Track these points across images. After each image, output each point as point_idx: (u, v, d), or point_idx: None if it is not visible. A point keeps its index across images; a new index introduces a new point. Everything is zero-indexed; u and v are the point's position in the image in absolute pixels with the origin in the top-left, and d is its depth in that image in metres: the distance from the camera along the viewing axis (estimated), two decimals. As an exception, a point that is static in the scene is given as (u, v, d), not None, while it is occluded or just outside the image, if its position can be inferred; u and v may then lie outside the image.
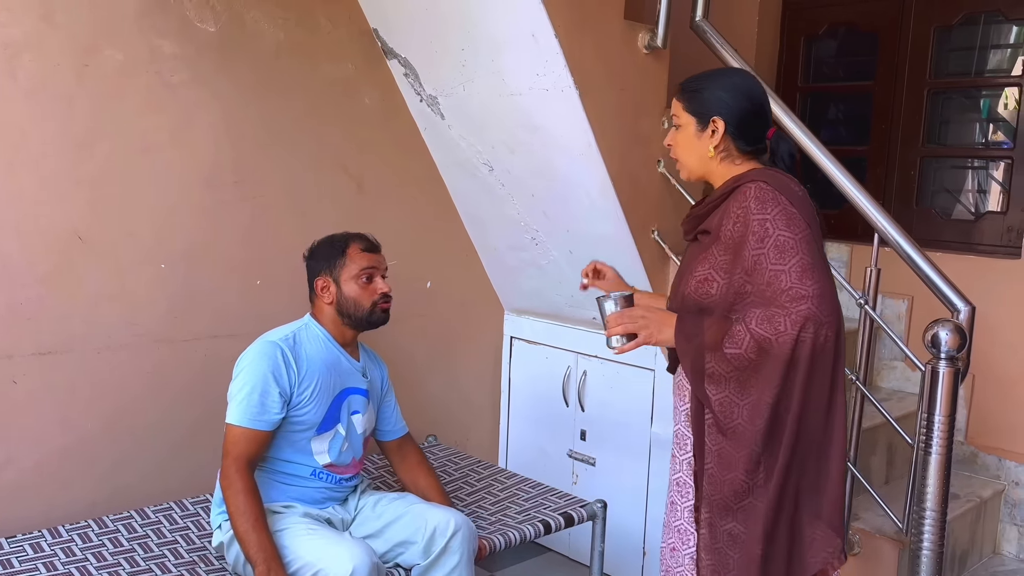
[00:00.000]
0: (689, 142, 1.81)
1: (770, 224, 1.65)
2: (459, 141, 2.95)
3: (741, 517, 1.73)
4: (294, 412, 2.14)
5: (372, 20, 2.88)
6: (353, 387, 2.27)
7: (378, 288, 2.25)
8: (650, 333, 1.75)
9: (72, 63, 2.32)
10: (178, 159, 2.54)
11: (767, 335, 1.63)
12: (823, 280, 1.64)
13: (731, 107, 1.77)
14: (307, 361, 2.17)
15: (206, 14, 2.53)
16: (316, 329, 2.24)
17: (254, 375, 2.09)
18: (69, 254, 2.37)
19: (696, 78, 1.84)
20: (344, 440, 2.24)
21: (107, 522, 2.37)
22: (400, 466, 2.47)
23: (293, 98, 2.75)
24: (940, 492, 2.16)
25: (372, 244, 2.29)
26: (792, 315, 1.62)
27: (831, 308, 1.64)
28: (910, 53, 3.37)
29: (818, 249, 1.68)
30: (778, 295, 1.63)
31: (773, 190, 1.68)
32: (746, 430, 1.71)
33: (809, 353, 1.64)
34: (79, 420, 2.43)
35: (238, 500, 2.02)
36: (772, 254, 1.64)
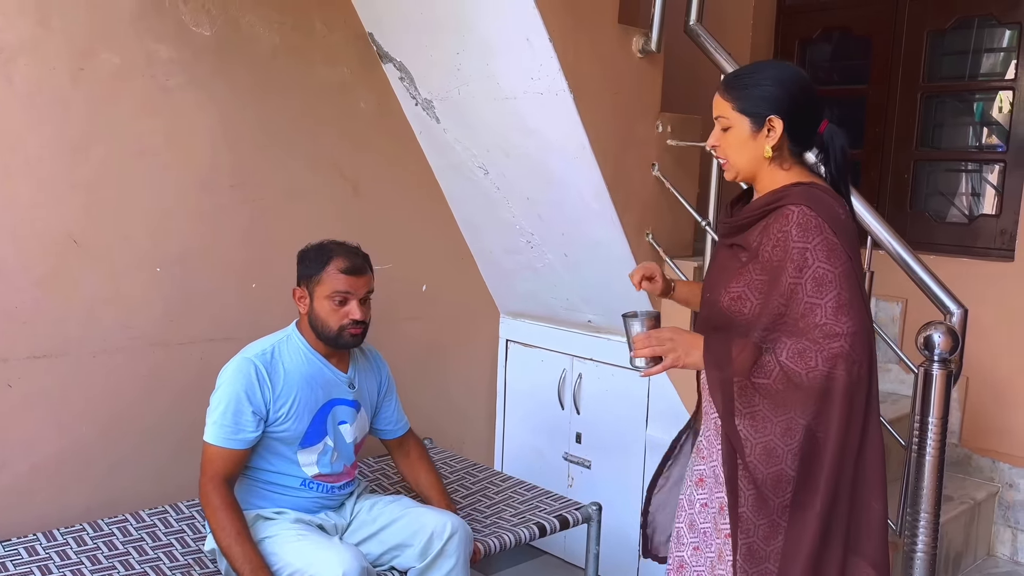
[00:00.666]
0: (742, 144, 1.69)
1: (810, 254, 1.59)
2: (454, 144, 2.96)
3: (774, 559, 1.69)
4: (273, 428, 2.13)
5: (367, 24, 2.89)
6: (338, 399, 2.23)
7: (349, 314, 2.15)
8: (677, 356, 1.68)
9: (68, 67, 2.32)
10: (174, 162, 2.54)
11: (797, 370, 1.59)
12: (858, 317, 1.59)
13: (787, 104, 1.65)
14: (284, 376, 2.14)
15: (202, 18, 2.54)
16: (298, 341, 2.21)
17: (227, 394, 2.08)
18: (64, 257, 2.37)
19: (743, 73, 1.73)
20: (333, 451, 2.23)
21: (102, 525, 2.37)
22: (402, 463, 2.47)
23: (289, 102, 2.76)
24: (933, 494, 2.17)
25: (355, 266, 2.16)
26: (824, 352, 1.58)
27: (864, 346, 1.60)
28: (903, 57, 3.38)
29: (858, 283, 1.62)
30: (812, 329, 1.59)
31: (817, 217, 1.60)
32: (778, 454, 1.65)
33: (842, 389, 1.59)
34: (74, 424, 2.43)
35: (217, 516, 2.02)
36: (809, 286, 1.59)
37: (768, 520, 1.67)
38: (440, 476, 2.48)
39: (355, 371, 2.30)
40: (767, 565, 1.68)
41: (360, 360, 2.34)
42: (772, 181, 1.71)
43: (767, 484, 1.66)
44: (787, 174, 1.70)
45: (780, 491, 1.66)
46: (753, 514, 1.68)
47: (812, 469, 1.64)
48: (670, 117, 2.86)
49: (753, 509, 1.68)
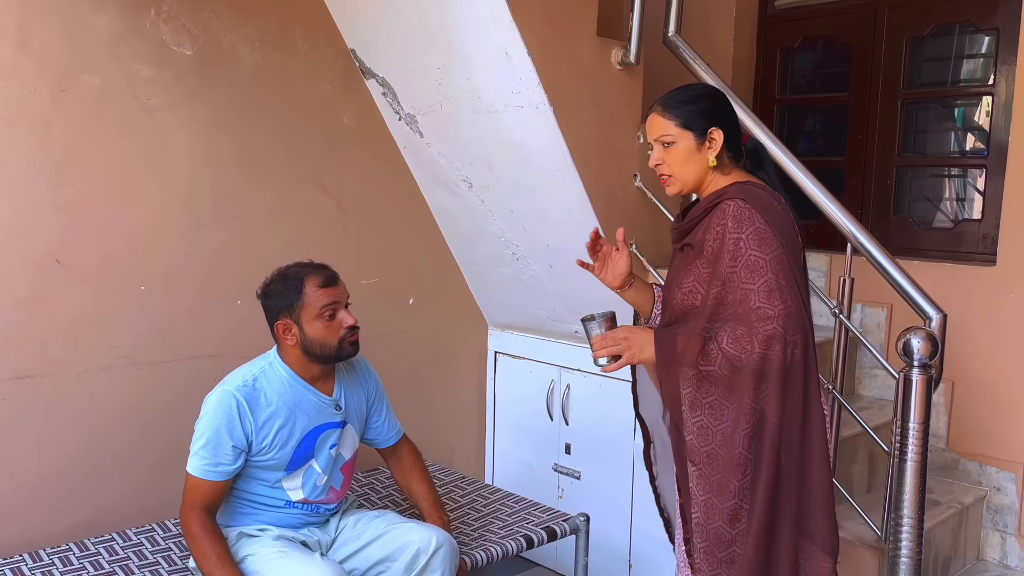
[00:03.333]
0: (688, 157, 1.84)
1: (743, 244, 1.72)
2: (438, 159, 2.97)
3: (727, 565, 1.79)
4: (257, 458, 2.13)
5: (349, 41, 2.91)
6: (326, 424, 2.22)
7: (343, 323, 2.14)
8: (632, 354, 1.82)
9: (49, 88, 2.34)
10: (156, 182, 2.55)
11: (736, 353, 1.71)
12: (790, 299, 1.70)
13: (723, 116, 1.84)
14: (267, 407, 2.12)
15: (183, 38, 2.55)
16: (280, 369, 2.18)
17: (208, 427, 2.08)
18: (47, 278, 2.38)
19: (680, 93, 1.87)
20: (320, 475, 2.22)
21: (88, 545, 2.37)
22: (396, 471, 2.47)
23: (272, 119, 2.77)
24: (916, 499, 2.16)
25: (329, 276, 2.15)
26: (759, 334, 1.69)
27: (798, 326, 1.70)
28: (884, 64, 3.40)
29: (790, 268, 1.72)
30: (748, 313, 1.71)
31: (751, 208, 1.74)
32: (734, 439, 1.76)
33: (777, 368, 1.70)
34: (59, 443, 2.44)
35: (198, 544, 2.03)
36: (743, 273, 1.72)
37: (732, 503, 1.77)
38: (433, 485, 2.47)
39: (341, 389, 2.28)
40: (734, 548, 1.79)
41: (346, 375, 2.32)
42: (715, 186, 1.86)
43: (728, 468, 1.76)
44: (727, 178, 1.86)
45: (739, 473, 1.76)
46: (716, 499, 1.78)
47: (759, 448, 1.75)
48: (651, 128, 2.87)
49: (715, 493, 1.78)
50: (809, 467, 1.79)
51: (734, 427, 1.76)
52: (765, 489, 1.74)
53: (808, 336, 1.74)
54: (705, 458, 1.80)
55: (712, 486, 1.79)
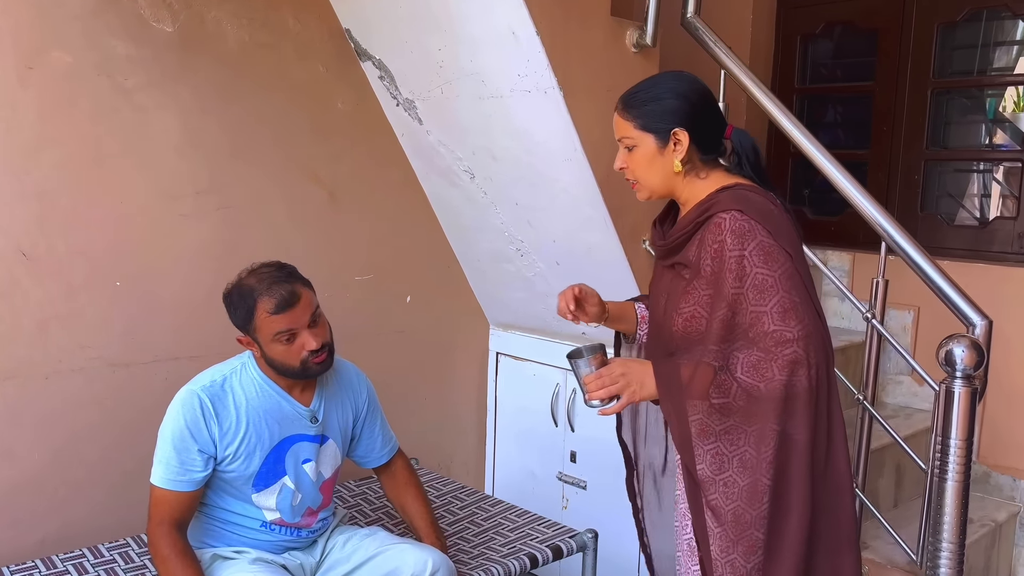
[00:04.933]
0: (650, 161, 1.66)
1: (747, 261, 1.55)
2: (438, 147, 2.79)
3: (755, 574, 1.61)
4: (222, 467, 1.95)
5: (344, 19, 2.73)
6: (298, 435, 2.02)
7: (304, 346, 1.91)
8: (633, 392, 1.63)
9: (15, 65, 2.15)
10: (134, 169, 2.37)
11: (755, 383, 1.55)
12: (807, 318, 1.55)
13: (689, 114, 1.64)
14: (235, 411, 1.94)
15: (163, 13, 2.36)
16: (253, 371, 2.00)
17: (171, 430, 1.91)
18: (13, 272, 2.20)
19: (640, 90, 1.69)
20: (294, 493, 2.03)
21: (56, 562, 2.19)
22: (388, 487, 2.30)
23: (259, 103, 2.59)
24: (957, 522, 1.99)
25: (283, 300, 1.88)
26: (779, 360, 1.54)
27: (819, 347, 1.56)
28: (912, 52, 3.22)
29: (800, 281, 1.57)
30: (762, 338, 1.55)
31: (750, 220, 1.56)
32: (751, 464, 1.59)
33: (804, 394, 1.55)
34: (25, 451, 2.26)
35: (168, 566, 1.84)
36: (752, 295, 1.55)
37: (747, 535, 1.59)
38: (429, 503, 2.29)
39: (321, 400, 2.08)
40: None
41: (330, 385, 2.12)
42: (694, 193, 1.67)
43: (743, 496, 1.58)
44: (706, 182, 1.67)
45: (756, 502, 1.58)
46: (732, 531, 1.61)
47: (788, 479, 1.58)
48: (667, 116, 2.69)
49: (731, 526, 1.60)
50: (833, 495, 1.63)
51: (756, 452, 1.57)
52: (801, 523, 1.57)
53: (829, 355, 1.60)
54: (722, 487, 1.61)
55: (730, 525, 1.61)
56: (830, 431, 1.62)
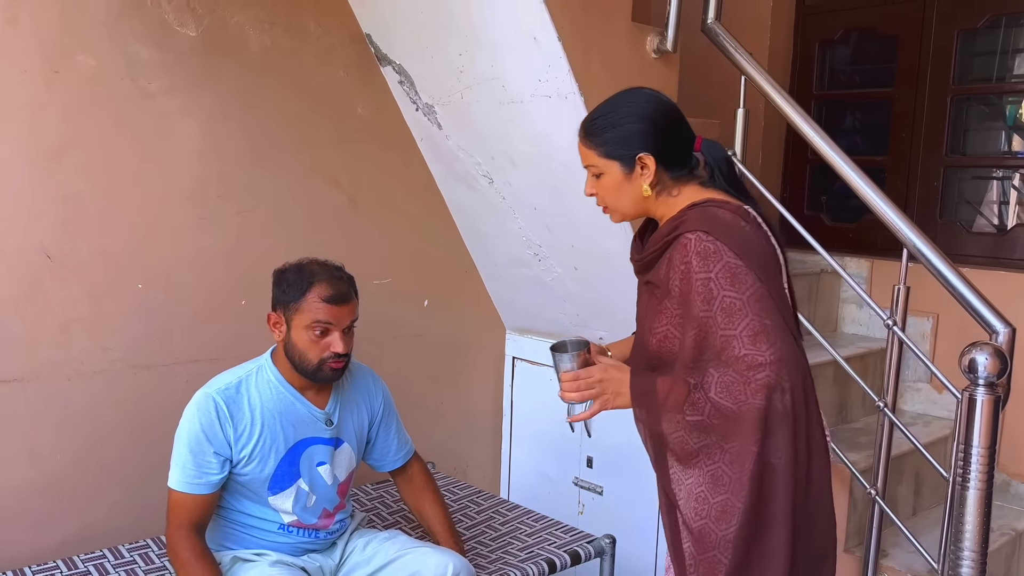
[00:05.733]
0: (619, 188, 1.62)
1: (714, 285, 1.50)
2: (457, 152, 2.80)
3: None
4: (237, 470, 1.96)
5: (365, 25, 2.74)
6: (313, 437, 2.03)
7: (330, 346, 1.94)
8: (607, 399, 1.61)
9: (41, 69, 2.17)
10: (157, 172, 2.39)
11: (728, 405, 1.49)
12: (779, 341, 1.49)
13: (652, 136, 1.59)
14: (250, 414, 1.95)
15: (186, 18, 2.38)
16: (270, 373, 2.01)
17: (187, 434, 1.92)
18: (37, 274, 2.21)
19: (600, 115, 1.64)
20: (309, 495, 2.04)
21: (77, 563, 2.20)
22: (405, 491, 2.30)
23: (281, 107, 2.60)
24: (980, 530, 1.97)
25: (340, 294, 1.94)
26: (752, 384, 1.48)
27: (794, 371, 1.50)
28: (932, 58, 3.21)
29: (772, 304, 1.51)
30: (734, 361, 1.49)
31: (715, 240, 1.50)
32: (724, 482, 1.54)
33: (779, 419, 1.49)
34: (47, 452, 2.27)
35: (187, 570, 1.85)
36: (720, 318, 1.50)
37: (708, 556, 1.55)
38: (446, 507, 2.30)
39: (337, 403, 2.09)
40: None
41: (346, 389, 2.13)
42: (668, 210, 1.63)
43: (712, 515, 1.55)
44: (679, 199, 1.62)
45: (724, 523, 1.54)
46: (696, 550, 1.57)
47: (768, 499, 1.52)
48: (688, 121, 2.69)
49: (696, 544, 1.57)
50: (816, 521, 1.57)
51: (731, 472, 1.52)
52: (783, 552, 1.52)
53: (806, 378, 1.54)
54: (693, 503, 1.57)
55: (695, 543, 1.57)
56: (810, 455, 1.55)
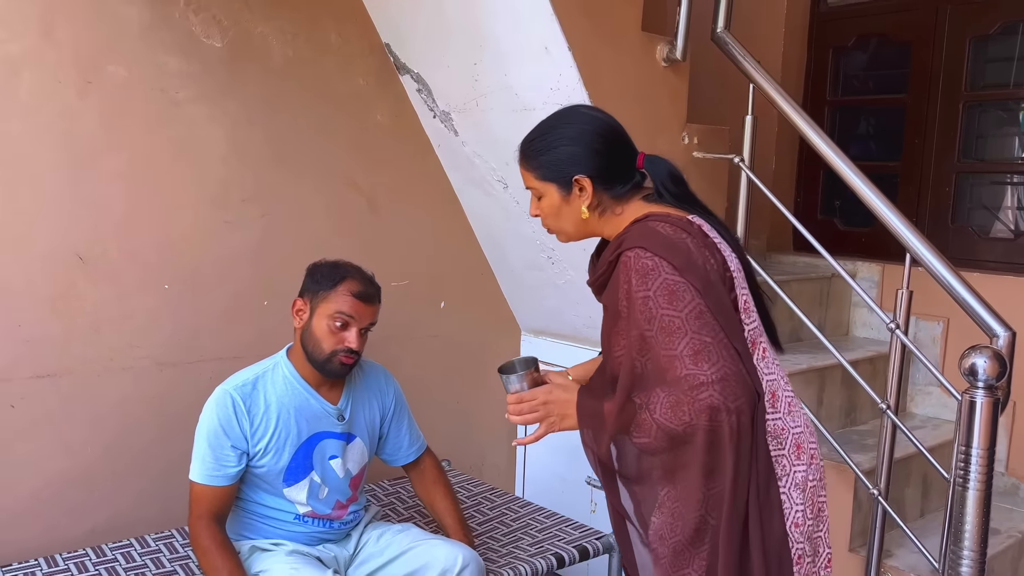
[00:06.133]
0: (558, 210, 1.60)
1: (652, 303, 1.45)
2: (473, 158, 2.88)
3: None
4: (253, 463, 2.05)
5: (384, 35, 2.82)
6: (325, 431, 2.12)
7: (345, 340, 2.04)
8: (552, 422, 1.60)
9: (74, 80, 2.27)
10: (183, 177, 2.48)
11: (673, 426, 1.44)
12: (722, 360, 1.42)
13: (589, 157, 1.56)
14: (265, 408, 2.05)
15: (212, 30, 2.48)
16: (285, 370, 2.11)
17: (206, 429, 2.02)
18: (71, 275, 2.31)
19: (535, 137, 1.61)
20: (321, 487, 2.12)
21: (105, 551, 2.30)
22: (418, 485, 2.38)
23: (303, 115, 2.69)
24: (979, 530, 2.02)
25: (367, 293, 2.07)
26: (696, 404, 1.42)
27: (738, 390, 1.42)
28: (945, 64, 3.24)
29: (713, 321, 1.44)
30: (677, 382, 1.43)
31: (653, 256, 1.46)
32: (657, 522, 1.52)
33: (725, 442, 1.43)
34: (78, 445, 2.37)
35: (209, 559, 1.94)
36: (661, 338, 1.45)
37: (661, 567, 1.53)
38: (457, 501, 2.37)
39: (349, 399, 2.18)
40: None
41: (358, 385, 2.21)
42: (614, 229, 1.59)
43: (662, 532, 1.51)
44: (622, 217, 1.58)
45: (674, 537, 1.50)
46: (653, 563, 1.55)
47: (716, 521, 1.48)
48: (697, 128, 2.75)
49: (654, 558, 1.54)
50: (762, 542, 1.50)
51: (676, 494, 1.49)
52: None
53: (751, 396, 1.46)
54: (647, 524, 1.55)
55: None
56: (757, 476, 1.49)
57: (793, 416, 1.56)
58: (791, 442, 1.54)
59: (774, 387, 1.54)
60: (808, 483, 1.54)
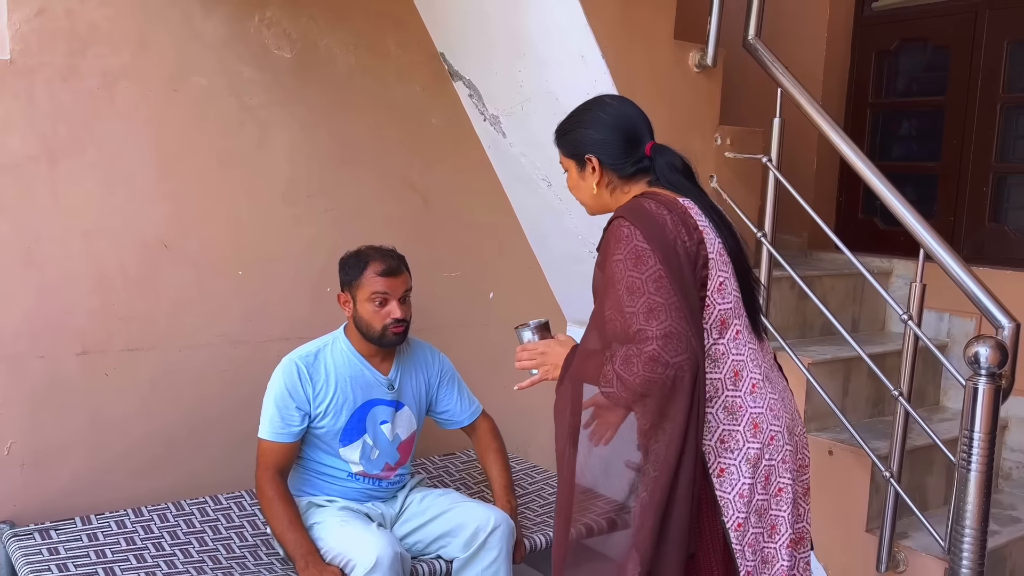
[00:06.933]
0: (577, 184, 1.85)
1: (621, 265, 1.62)
2: (519, 158, 3.08)
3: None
4: (314, 424, 2.30)
5: (439, 45, 3.05)
6: (377, 399, 2.37)
7: (390, 313, 2.29)
8: (547, 370, 1.83)
9: (163, 88, 2.57)
10: (256, 175, 2.76)
11: (627, 376, 1.59)
12: (671, 319, 1.57)
13: (599, 140, 1.78)
14: (325, 376, 2.31)
15: (283, 42, 2.75)
16: (343, 344, 2.37)
17: (274, 392, 2.28)
18: (156, 261, 2.61)
19: (564, 121, 1.86)
20: (373, 448, 2.37)
21: (184, 505, 2.59)
22: (476, 449, 2.62)
23: (363, 119, 2.94)
24: (980, 510, 2.13)
25: (390, 268, 2.30)
26: (642, 356, 1.56)
27: (679, 348, 1.56)
28: (983, 68, 3.30)
29: (669, 286, 1.60)
30: (633, 336, 1.59)
31: (631, 226, 1.64)
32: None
33: (662, 394, 1.57)
34: (161, 411, 2.67)
35: (272, 507, 2.21)
36: (625, 296, 1.61)
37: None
38: (506, 467, 2.57)
39: (399, 371, 2.42)
40: None
41: (407, 359, 2.46)
42: (619, 204, 1.79)
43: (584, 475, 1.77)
44: (628, 195, 1.79)
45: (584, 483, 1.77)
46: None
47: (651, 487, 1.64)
48: (729, 130, 2.90)
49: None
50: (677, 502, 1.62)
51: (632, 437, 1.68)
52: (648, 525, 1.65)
53: (695, 358, 1.58)
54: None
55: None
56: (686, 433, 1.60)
57: (755, 397, 1.70)
58: (747, 420, 1.69)
59: (739, 367, 1.70)
60: (762, 461, 1.69)
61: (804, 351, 2.81)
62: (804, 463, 1.83)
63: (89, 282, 2.51)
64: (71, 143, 2.44)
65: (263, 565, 2.33)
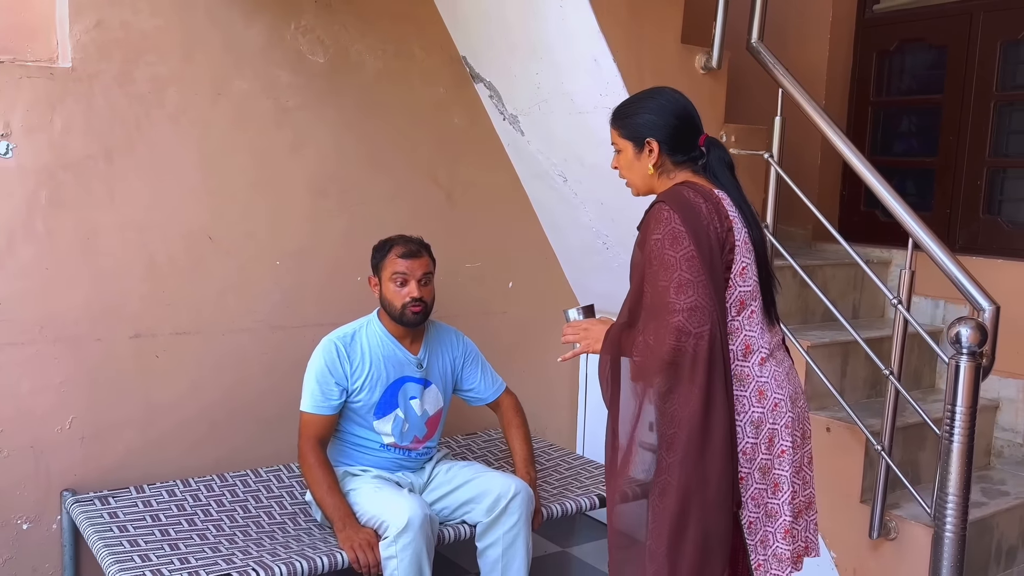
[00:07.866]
0: (630, 164, 2.01)
1: (658, 244, 1.81)
2: (537, 155, 3.27)
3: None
4: (352, 398, 2.52)
5: (461, 48, 3.25)
6: (408, 376, 2.59)
7: (409, 293, 2.49)
8: (588, 344, 2.02)
9: (208, 92, 2.78)
10: (292, 171, 2.97)
11: (653, 345, 1.80)
12: (698, 295, 1.77)
13: (661, 126, 1.94)
14: (361, 354, 2.53)
15: (317, 48, 2.96)
16: (376, 326, 2.59)
17: (315, 369, 2.50)
18: (201, 251, 2.83)
19: (625, 104, 2.02)
20: (404, 422, 2.58)
21: (228, 477, 2.81)
22: (501, 423, 2.81)
23: (391, 119, 3.15)
24: (961, 478, 2.29)
25: (410, 250, 2.53)
26: (668, 327, 1.77)
27: (703, 319, 1.77)
28: (977, 67, 3.46)
29: (699, 265, 1.78)
30: (662, 309, 1.79)
31: (670, 210, 1.82)
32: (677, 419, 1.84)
33: (685, 361, 1.77)
34: (206, 391, 2.88)
35: (313, 473, 2.42)
36: (660, 272, 1.80)
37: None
38: (528, 441, 2.76)
39: (427, 352, 2.63)
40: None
41: (434, 341, 2.67)
42: (663, 189, 1.97)
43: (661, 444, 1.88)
44: (674, 180, 1.97)
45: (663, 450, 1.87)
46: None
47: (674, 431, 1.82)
48: (734, 128, 3.08)
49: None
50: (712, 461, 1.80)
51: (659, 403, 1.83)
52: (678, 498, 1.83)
53: (716, 330, 1.79)
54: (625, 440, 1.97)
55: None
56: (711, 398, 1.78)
57: (762, 369, 1.90)
58: (754, 387, 1.90)
59: (750, 342, 1.90)
60: (765, 424, 1.89)
61: (804, 335, 2.99)
62: (807, 433, 2.03)
63: (140, 270, 2.73)
64: (125, 144, 2.66)
65: (302, 530, 2.54)
